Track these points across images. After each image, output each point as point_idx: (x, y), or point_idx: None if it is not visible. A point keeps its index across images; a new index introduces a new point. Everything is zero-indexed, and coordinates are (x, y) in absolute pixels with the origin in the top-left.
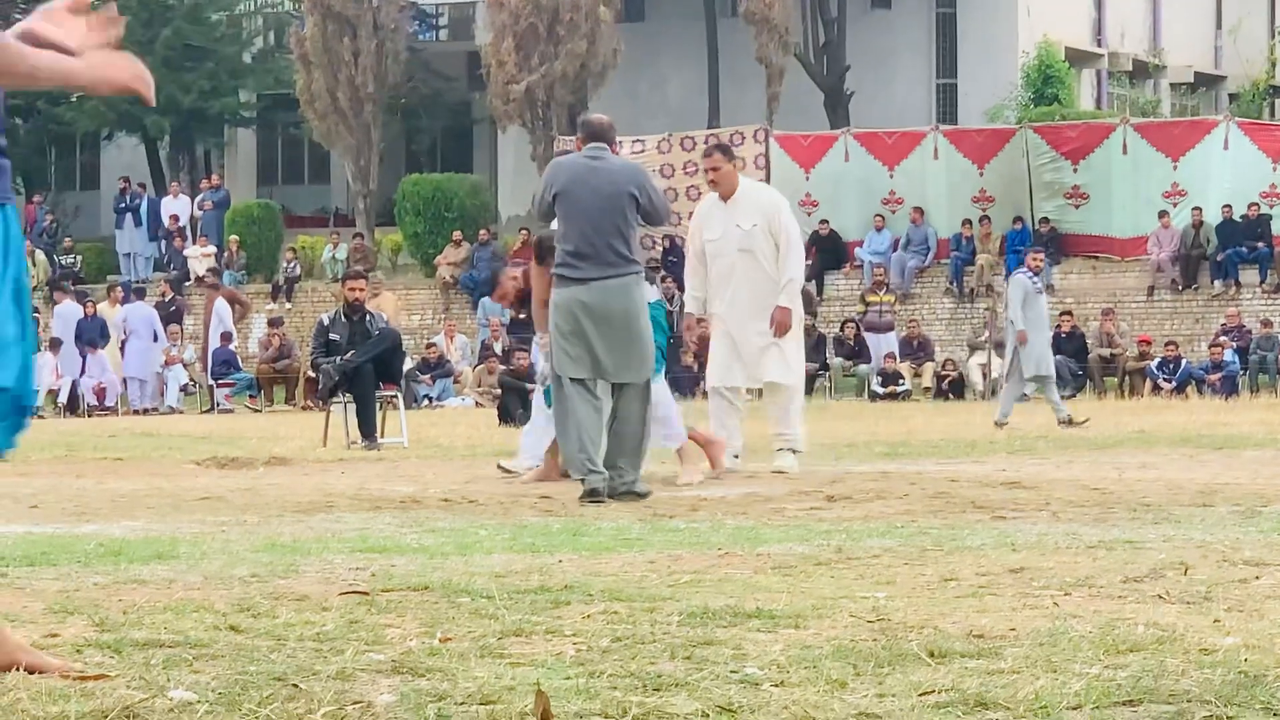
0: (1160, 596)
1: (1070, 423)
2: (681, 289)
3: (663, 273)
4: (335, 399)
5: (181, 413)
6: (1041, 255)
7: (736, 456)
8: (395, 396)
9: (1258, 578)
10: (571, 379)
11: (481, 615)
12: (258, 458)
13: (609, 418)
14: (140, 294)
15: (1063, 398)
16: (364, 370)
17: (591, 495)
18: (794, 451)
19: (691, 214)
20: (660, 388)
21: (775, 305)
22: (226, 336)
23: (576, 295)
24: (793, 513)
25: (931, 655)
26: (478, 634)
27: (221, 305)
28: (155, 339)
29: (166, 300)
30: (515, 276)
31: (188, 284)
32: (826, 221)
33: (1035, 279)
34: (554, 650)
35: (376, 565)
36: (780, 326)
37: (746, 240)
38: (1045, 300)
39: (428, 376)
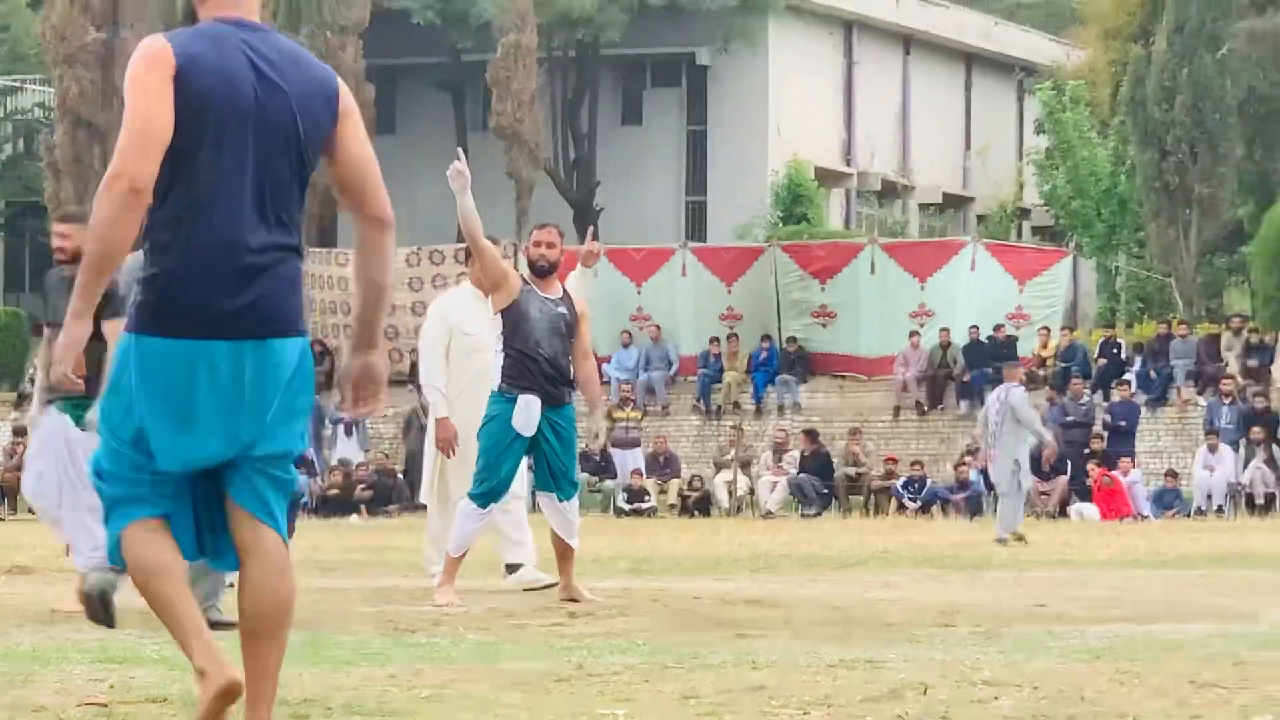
0: (900, 716)
1: (1013, 540)
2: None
3: (409, 386)
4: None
5: None
6: (1020, 370)
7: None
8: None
9: (996, 698)
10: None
11: None
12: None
13: None
14: None
15: (807, 516)
16: None
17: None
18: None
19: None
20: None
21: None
22: None
23: None
24: (535, 628)
25: None
26: None
27: None
28: None
29: None
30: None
31: None
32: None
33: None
34: None
35: (116, 676)
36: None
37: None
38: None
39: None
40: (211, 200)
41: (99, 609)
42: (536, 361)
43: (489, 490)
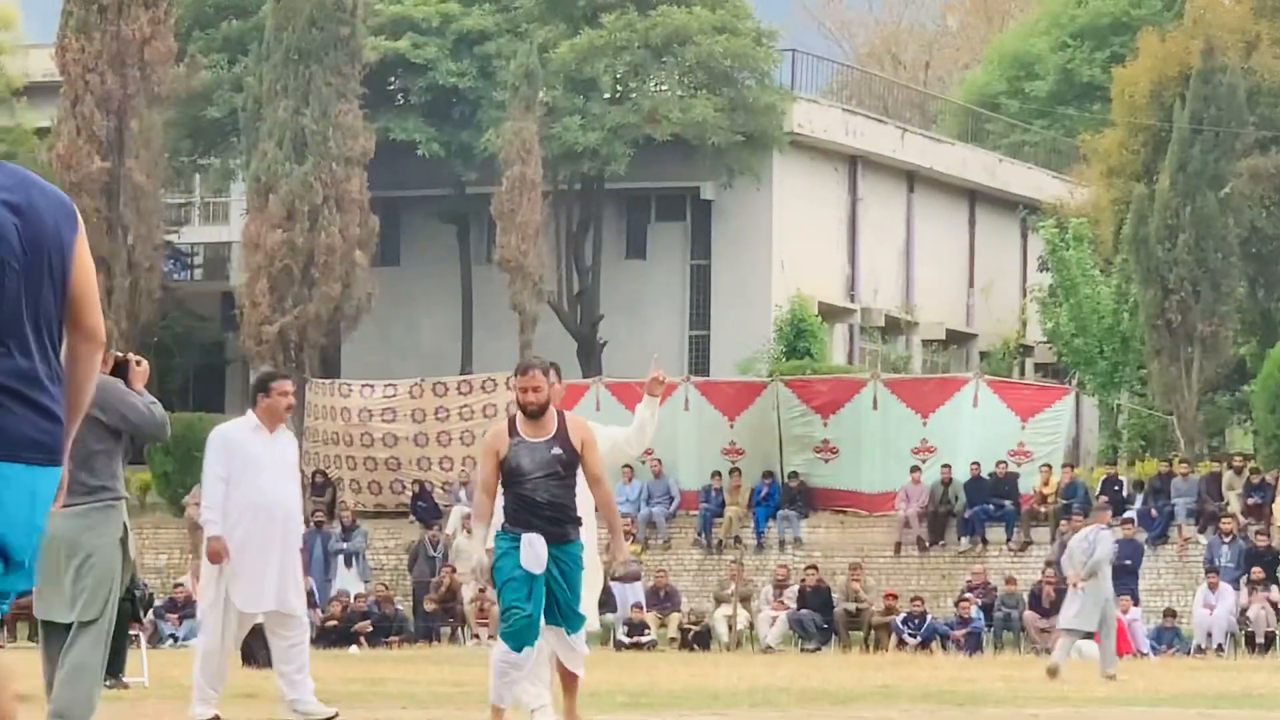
0: None
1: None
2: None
3: (410, 517)
4: None
5: None
6: (1108, 512)
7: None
8: (137, 635)
9: None
10: (50, 621)
11: None
12: None
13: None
14: None
15: (806, 650)
16: (122, 608)
17: None
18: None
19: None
20: None
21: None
22: None
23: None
24: None
25: None
26: None
27: None
28: None
29: None
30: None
31: None
32: None
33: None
34: None
35: None
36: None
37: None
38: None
39: (174, 616)
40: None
41: None
42: (537, 505)
43: (517, 629)
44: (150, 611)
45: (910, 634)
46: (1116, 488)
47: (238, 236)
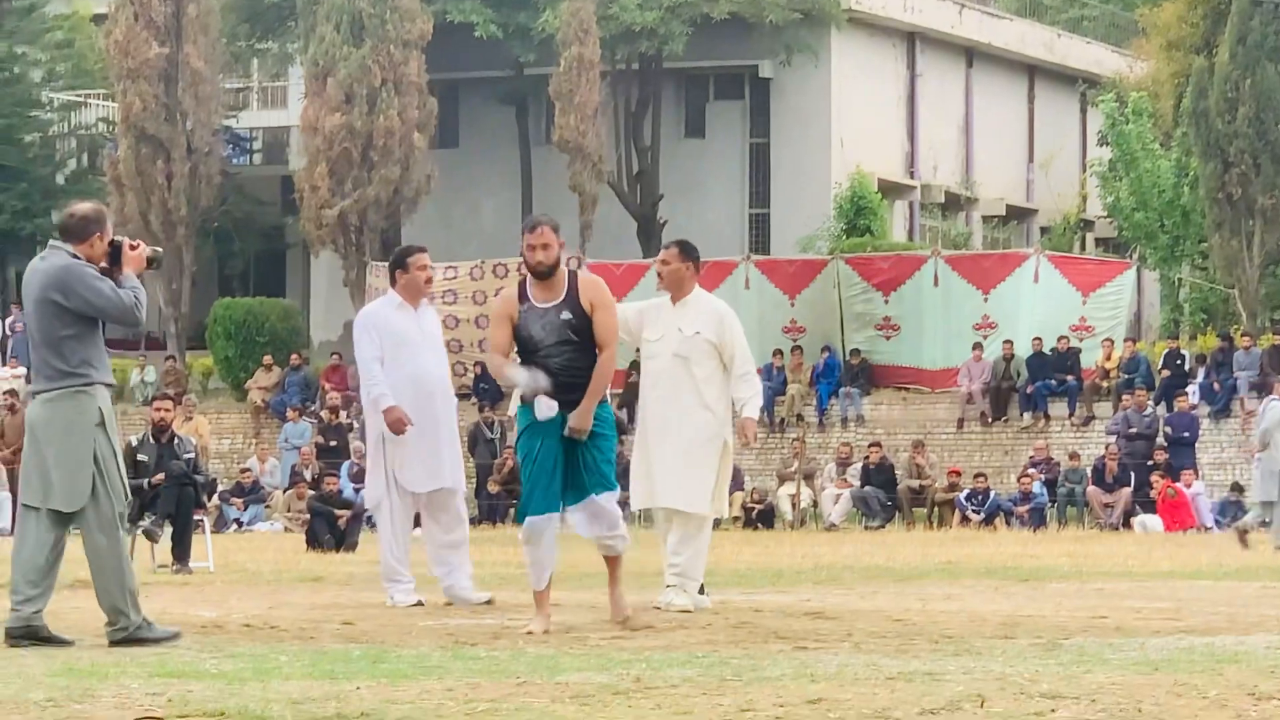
0: None
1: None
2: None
3: (473, 399)
4: (142, 522)
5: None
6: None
7: (701, 590)
8: (202, 521)
9: (1054, 710)
10: (24, 504)
11: None
12: (62, 580)
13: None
14: None
15: (870, 528)
16: (185, 494)
17: (9, 635)
18: (685, 591)
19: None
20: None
21: (744, 417)
22: None
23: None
24: (594, 641)
25: None
26: None
27: None
28: None
29: None
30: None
31: None
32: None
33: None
34: None
35: (174, 690)
36: (754, 436)
37: (685, 347)
38: None
39: (239, 500)
40: None
41: None
42: (550, 374)
43: (531, 499)
44: (214, 497)
45: (974, 510)
46: (1178, 362)
47: (296, 121)
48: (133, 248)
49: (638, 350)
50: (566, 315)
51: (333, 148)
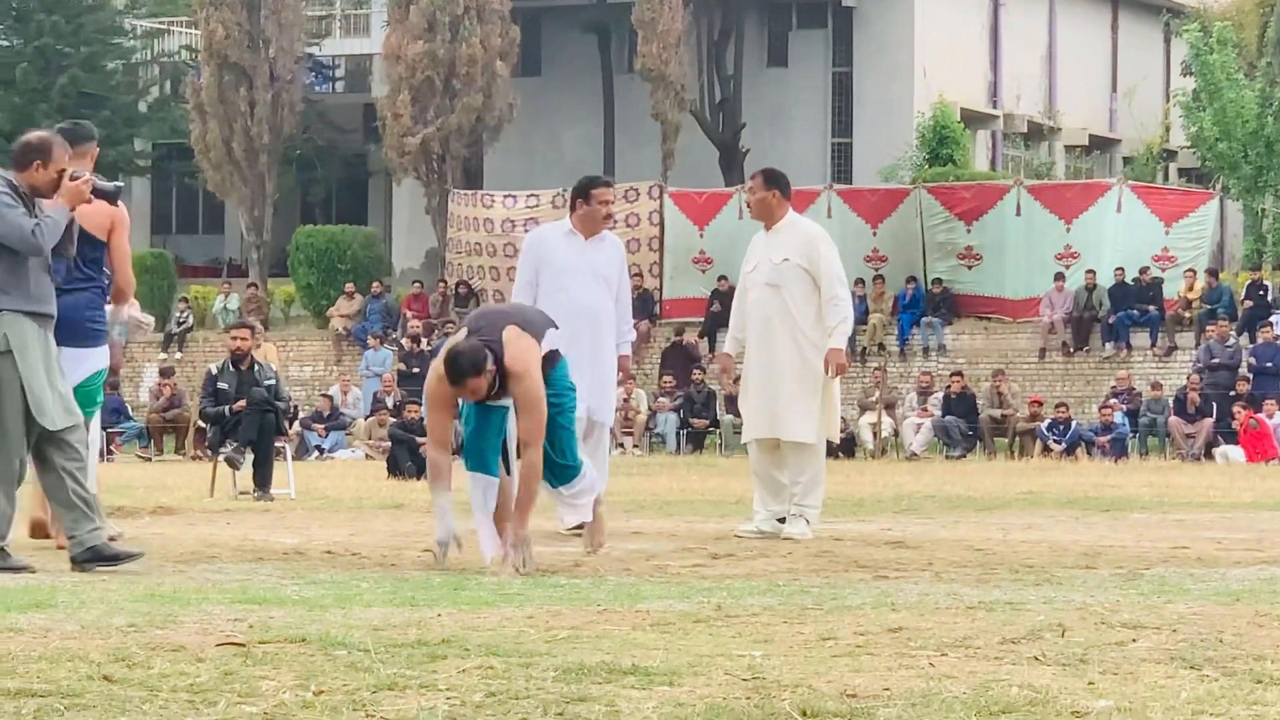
0: (1036, 658)
1: None
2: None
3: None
4: (224, 449)
5: None
6: None
7: (782, 520)
8: (283, 448)
9: (1134, 640)
10: None
11: (357, 669)
12: (143, 507)
13: None
14: None
15: (951, 457)
16: (267, 421)
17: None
18: (807, 520)
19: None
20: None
21: (828, 348)
22: (114, 385)
23: None
24: (675, 569)
25: (804, 715)
26: (352, 687)
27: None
28: None
29: None
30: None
31: None
32: (725, 278)
33: None
34: (427, 704)
35: (255, 617)
36: (839, 369)
37: (776, 275)
38: None
39: (321, 427)
40: None
41: None
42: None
43: (466, 451)
44: (295, 424)
45: (1055, 440)
46: (1261, 292)
47: (379, 48)
48: (71, 179)
49: (719, 279)
50: None
51: (415, 76)
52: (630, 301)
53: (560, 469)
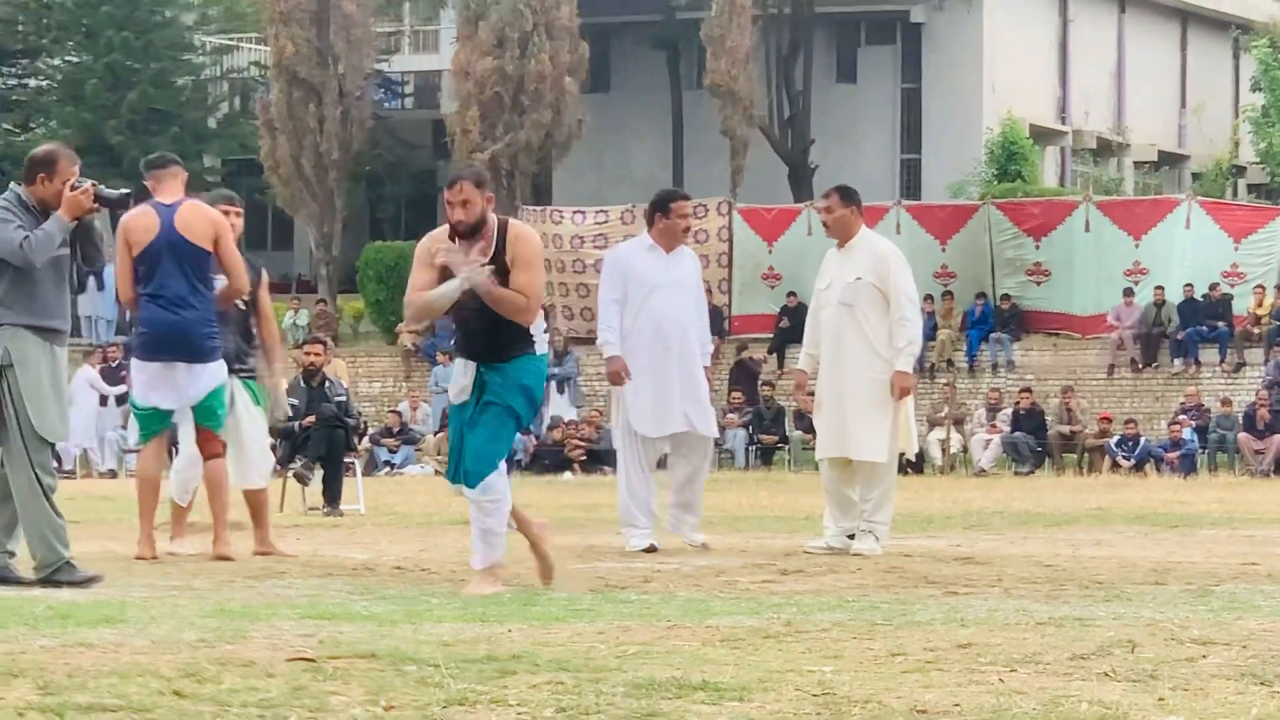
0: (1106, 674)
1: None
2: None
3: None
4: (293, 464)
5: None
6: None
7: (851, 537)
8: (353, 464)
9: (1204, 656)
10: None
11: (427, 684)
12: (210, 522)
13: None
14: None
15: (1020, 473)
16: (336, 437)
17: None
18: (877, 536)
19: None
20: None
21: (894, 370)
22: None
23: None
24: (745, 585)
25: None
26: (422, 703)
27: None
28: (104, 402)
29: (114, 365)
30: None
31: None
32: (795, 294)
33: None
34: None
35: (325, 632)
36: (904, 392)
37: (849, 294)
38: None
39: (391, 442)
40: None
41: None
42: (469, 336)
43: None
44: (364, 439)
45: (1124, 456)
46: None
47: (448, 65)
48: (71, 188)
49: (788, 295)
50: (492, 271)
51: (484, 92)
52: (708, 314)
53: (474, 461)
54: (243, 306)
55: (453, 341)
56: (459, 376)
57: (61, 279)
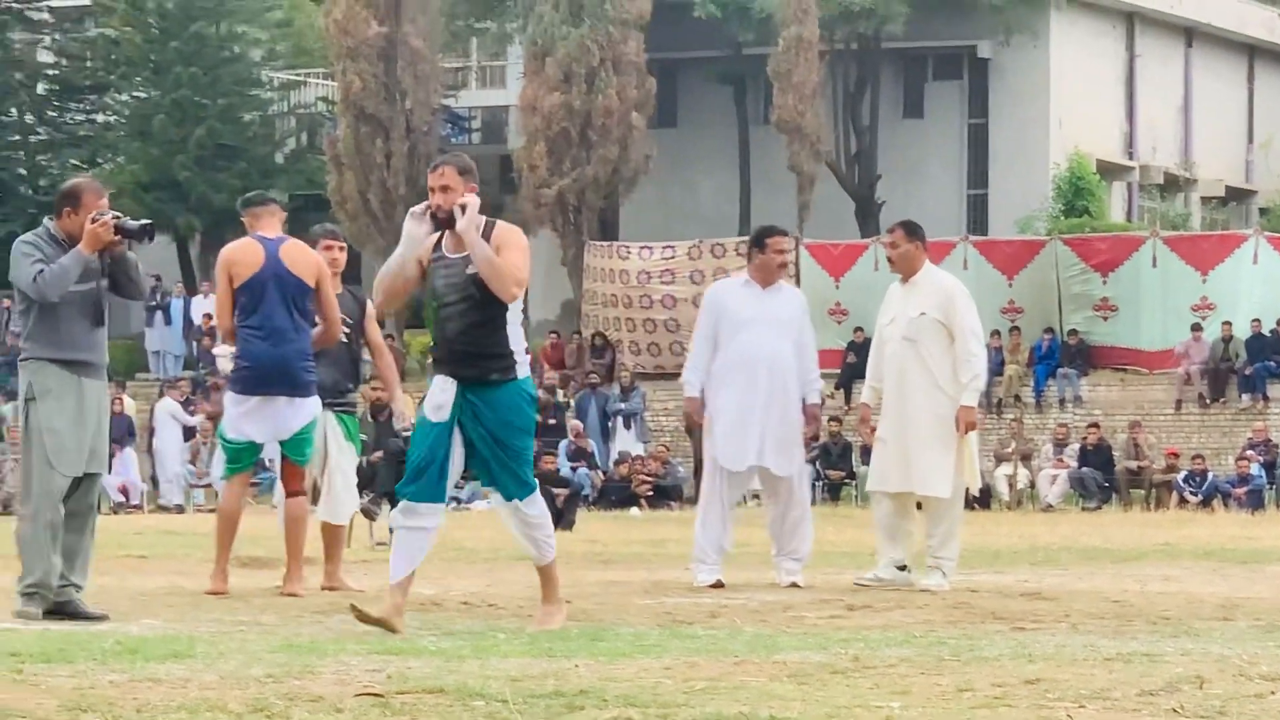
0: (1175, 710)
1: None
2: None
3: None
4: (361, 499)
5: (211, 510)
6: None
7: (904, 568)
8: None
9: (1273, 693)
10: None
11: (495, 719)
12: (279, 558)
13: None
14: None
15: (1087, 509)
16: (403, 472)
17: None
18: (944, 572)
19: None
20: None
21: (959, 405)
22: None
23: None
24: (812, 621)
25: None
26: None
27: None
28: (189, 435)
29: (184, 400)
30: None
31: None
32: (861, 329)
33: None
34: None
35: (393, 667)
36: (968, 426)
37: (913, 329)
38: None
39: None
40: None
41: None
42: (446, 339)
43: (409, 488)
44: None
45: (1191, 492)
46: None
47: (515, 100)
48: (92, 221)
49: (855, 331)
50: (472, 270)
51: (551, 127)
52: (815, 350)
53: (512, 482)
54: (343, 339)
55: (431, 359)
56: (437, 393)
57: (92, 311)
